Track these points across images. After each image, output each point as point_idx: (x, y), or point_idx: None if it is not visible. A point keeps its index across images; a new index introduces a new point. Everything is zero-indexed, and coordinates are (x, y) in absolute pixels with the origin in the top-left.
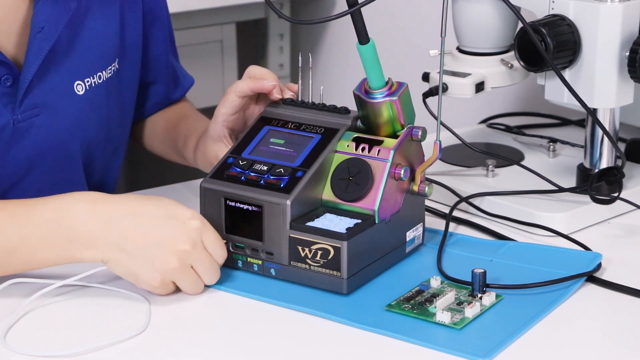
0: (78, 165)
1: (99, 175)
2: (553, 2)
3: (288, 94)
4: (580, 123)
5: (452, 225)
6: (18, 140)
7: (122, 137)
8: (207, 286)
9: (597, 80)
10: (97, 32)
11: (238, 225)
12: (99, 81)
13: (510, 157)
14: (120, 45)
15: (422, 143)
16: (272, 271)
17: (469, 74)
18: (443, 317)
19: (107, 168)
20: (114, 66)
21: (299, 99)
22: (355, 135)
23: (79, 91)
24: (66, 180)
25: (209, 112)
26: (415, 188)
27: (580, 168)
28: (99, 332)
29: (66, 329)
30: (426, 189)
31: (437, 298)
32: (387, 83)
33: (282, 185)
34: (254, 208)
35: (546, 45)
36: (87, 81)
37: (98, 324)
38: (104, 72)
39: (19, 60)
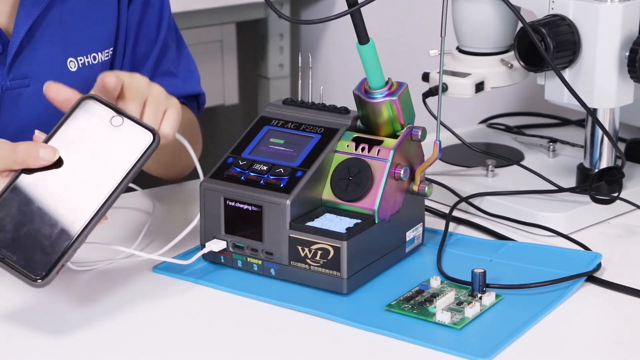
0: None
1: None
2: (553, 2)
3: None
4: (580, 123)
5: (452, 225)
6: (8, 108)
7: None
8: (207, 286)
9: (597, 80)
10: (93, 12)
11: (238, 225)
12: (94, 62)
13: (510, 157)
14: (116, 30)
15: (422, 143)
16: (272, 271)
17: (469, 74)
18: (443, 317)
19: None
20: (111, 50)
21: (299, 99)
22: (355, 135)
23: (71, 68)
24: None
25: (208, 112)
26: (415, 188)
27: (580, 168)
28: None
29: None
30: (426, 188)
31: (437, 298)
32: (387, 83)
33: (282, 185)
34: (253, 208)
35: (546, 45)
36: (80, 59)
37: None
38: (99, 53)
39: (10, 29)
